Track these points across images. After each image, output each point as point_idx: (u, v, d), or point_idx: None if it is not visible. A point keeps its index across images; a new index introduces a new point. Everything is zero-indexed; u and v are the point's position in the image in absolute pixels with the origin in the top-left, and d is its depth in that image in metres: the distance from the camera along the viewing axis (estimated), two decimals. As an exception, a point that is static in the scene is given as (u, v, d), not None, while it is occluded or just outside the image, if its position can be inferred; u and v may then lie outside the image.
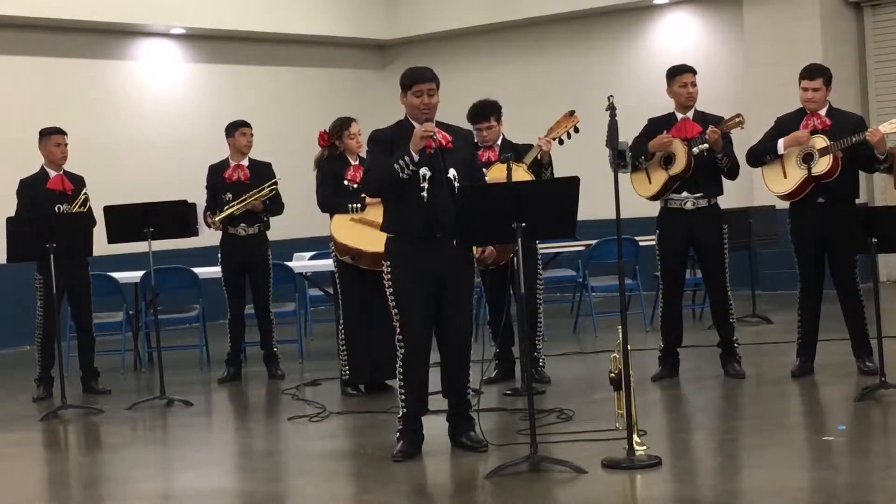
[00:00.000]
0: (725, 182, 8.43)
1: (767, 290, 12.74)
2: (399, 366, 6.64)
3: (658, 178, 8.37)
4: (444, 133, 6.60)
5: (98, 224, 9.26)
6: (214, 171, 9.90)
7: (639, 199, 8.46)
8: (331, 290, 9.80)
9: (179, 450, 7.69)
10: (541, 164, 8.32)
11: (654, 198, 8.45)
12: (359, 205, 8.53)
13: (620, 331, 6.29)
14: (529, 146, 8.39)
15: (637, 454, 6.14)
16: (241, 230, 9.79)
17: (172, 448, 7.79)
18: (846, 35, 13.85)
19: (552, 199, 6.39)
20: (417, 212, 6.51)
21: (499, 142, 8.57)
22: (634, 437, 6.18)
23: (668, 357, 8.58)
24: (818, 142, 8.01)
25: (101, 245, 9.28)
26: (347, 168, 8.77)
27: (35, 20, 12.94)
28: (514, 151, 7.85)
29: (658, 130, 8.42)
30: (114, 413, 8.71)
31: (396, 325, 6.61)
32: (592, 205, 8.62)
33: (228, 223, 9.75)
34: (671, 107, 8.49)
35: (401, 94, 6.68)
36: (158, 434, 8.31)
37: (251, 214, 9.77)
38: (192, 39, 14.66)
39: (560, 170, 8.37)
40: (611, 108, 6.47)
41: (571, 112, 8.48)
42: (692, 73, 8.41)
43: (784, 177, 8.12)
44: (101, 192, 10.07)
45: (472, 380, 6.79)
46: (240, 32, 14.75)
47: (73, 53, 13.59)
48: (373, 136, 6.74)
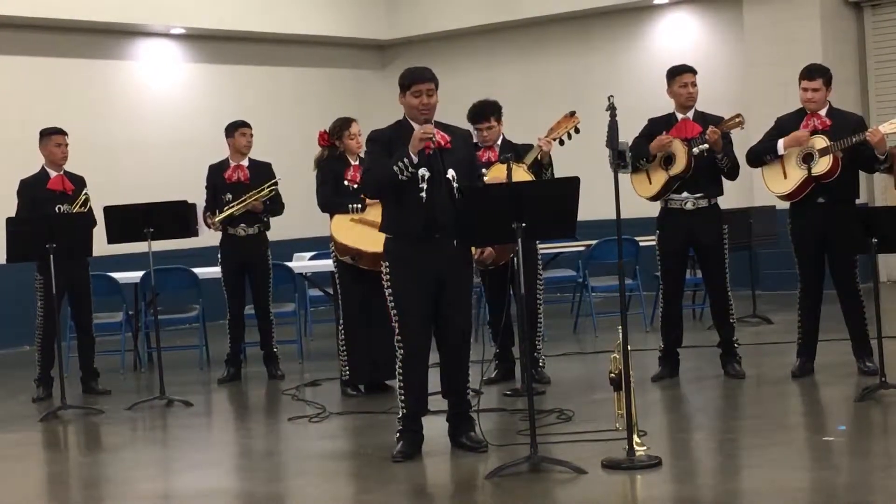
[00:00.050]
0: (725, 182, 8.43)
1: (767, 291, 12.73)
2: (398, 366, 6.63)
3: (658, 179, 8.36)
4: (443, 133, 6.59)
5: (98, 224, 9.26)
6: (214, 172, 9.90)
7: (639, 200, 8.46)
8: (331, 291, 9.80)
9: (179, 450, 7.68)
10: (541, 165, 8.32)
11: (655, 198, 8.45)
12: (359, 205, 8.52)
13: (620, 331, 6.28)
14: (529, 146, 8.39)
15: (637, 454, 6.14)
16: (241, 230, 9.78)
17: (172, 448, 7.78)
18: (846, 35, 13.85)
19: (552, 200, 6.38)
20: (416, 212, 6.51)
21: (499, 142, 8.56)
22: (634, 438, 6.18)
23: (669, 357, 8.58)
24: (818, 142, 8.01)
25: (101, 245, 9.28)
26: (347, 168, 8.77)
27: (35, 20, 12.93)
28: (515, 152, 7.84)
29: (658, 130, 8.42)
30: (114, 413, 8.71)
31: (395, 326, 6.61)
32: (592, 205, 8.61)
33: (228, 223, 9.75)
34: (671, 107, 8.49)
35: (399, 95, 6.68)
36: (158, 434, 8.31)
37: (251, 215, 9.76)
38: (192, 39, 14.66)
39: (560, 170, 8.36)
40: (611, 109, 6.47)
41: (572, 113, 8.48)
42: (692, 74, 8.41)
43: (784, 177, 8.12)
44: (101, 193, 10.06)
45: (472, 380, 6.79)
46: (240, 32, 14.75)
47: (73, 53, 13.59)
48: (371, 137, 6.73)
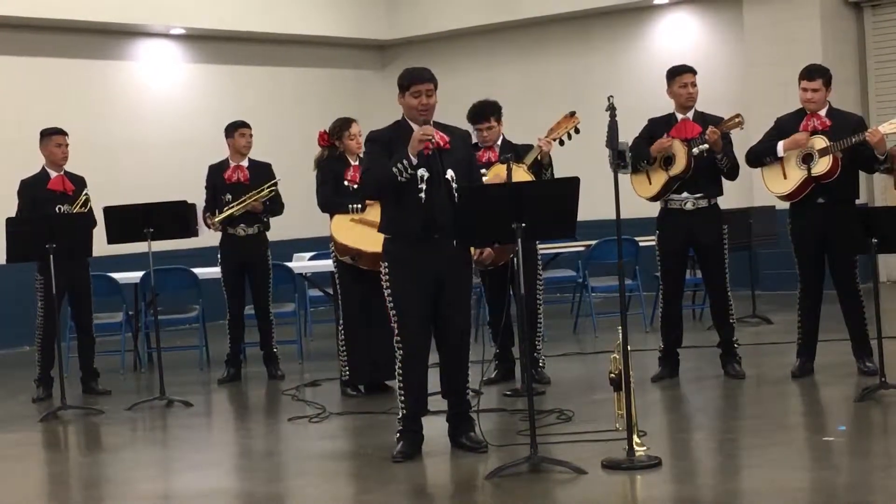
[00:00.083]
0: (725, 182, 8.43)
1: (767, 291, 12.73)
2: (398, 367, 6.63)
3: (658, 179, 8.36)
4: (442, 134, 6.58)
5: (98, 224, 9.26)
6: (214, 172, 9.89)
7: (639, 200, 8.46)
8: (330, 291, 9.80)
9: (179, 450, 7.68)
10: (541, 165, 8.32)
11: (655, 198, 8.45)
12: (359, 205, 8.51)
13: (620, 331, 6.28)
14: (530, 147, 8.38)
15: (637, 455, 6.14)
16: (241, 230, 9.78)
17: (172, 449, 7.78)
18: (846, 35, 13.85)
19: (552, 200, 6.38)
20: (415, 213, 6.50)
21: (499, 142, 8.56)
22: (634, 438, 6.18)
23: (668, 357, 8.58)
24: (818, 142, 8.01)
25: (101, 245, 9.27)
26: (347, 168, 8.77)
27: (35, 20, 12.93)
28: (515, 152, 7.84)
29: (658, 131, 8.42)
30: (114, 414, 8.71)
31: (394, 327, 6.61)
32: (592, 205, 8.62)
33: (228, 223, 9.75)
34: (671, 107, 8.49)
35: (398, 95, 6.67)
36: (158, 435, 8.31)
37: (251, 215, 9.76)
38: (192, 40, 14.66)
39: (560, 170, 8.36)
40: (611, 109, 6.47)
41: (572, 113, 8.47)
42: (692, 74, 8.41)
43: (784, 177, 8.12)
44: (101, 193, 10.06)
45: (472, 380, 6.79)
46: (240, 33, 14.75)
47: (73, 54, 13.59)
48: (370, 137, 6.73)
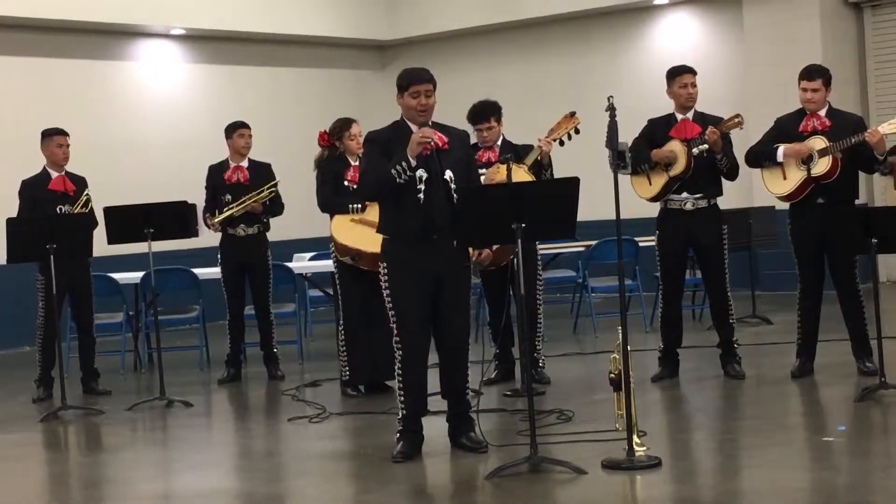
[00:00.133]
0: (725, 183, 8.43)
1: (767, 291, 12.73)
2: (397, 367, 6.63)
3: (658, 180, 8.37)
4: (440, 134, 6.58)
5: (98, 224, 9.26)
6: (214, 172, 9.89)
7: (638, 200, 8.46)
8: (331, 291, 9.80)
9: (179, 451, 7.68)
10: (541, 165, 8.32)
11: (655, 199, 8.45)
12: (359, 205, 8.51)
13: (620, 331, 6.29)
14: (530, 147, 8.38)
15: (637, 455, 6.14)
16: (241, 230, 9.78)
17: (172, 449, 7.79)
18: (846, 35, 13.85)
19: (552, 200, 6.38)
20: (414, 214, 6.50)
21: (499, 142, 8.56)
22: (634, 438, 6.18)
23: (668, 358, 8.58)
24: (817, 143, 8.01)
25: (101, 246, 9.27)
26: (347, 168, 8.76)
27: (35, 21, 12.93)
28: (515, 152, 7.84)
29: (658, 131, 8.43)
30: (114, 414, 8.71)
31: (393, 327, 6.61)
32: (592, 205, 8.62)
33: (228, 224, 9.75)
34: (671, 107, 8.49)
35: (397, 95, 6.67)
36: (158, 435, 8.31)
37: (251, 215, 9.76)
38: (192, 40, 14.66)
39: (560, 170, 8.36)
40: (611, 109, 6.47)
41: (572, 113, 8.47)
42: (692, 74, 8.41)
43: (784, 178, 8.12)
44: (101, 193, 10.06)
45: (472, 380, 6.79)
46: (240, 33, 14.75)
47: (73, 54, 13.59)
48: (368, 138, 6.73)
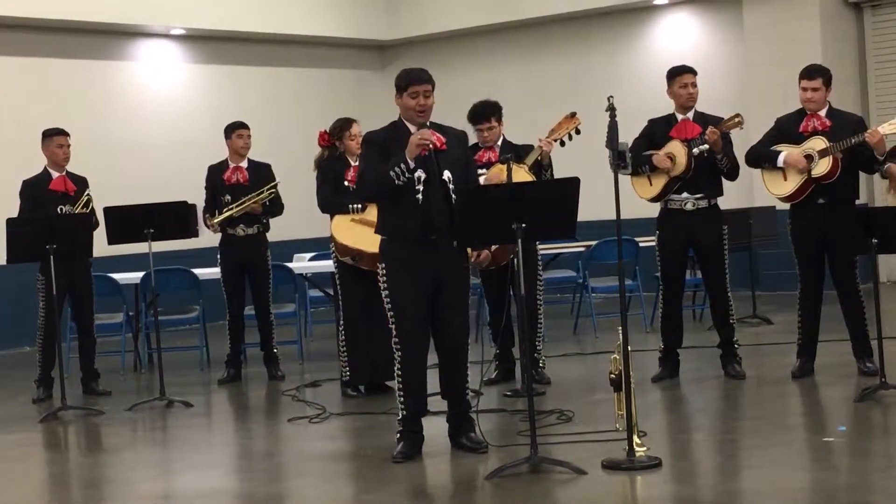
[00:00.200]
0: (725, 183, 8.43)
1: (768, 291, 12.73)
2: (397, 368, 6.63)
3: (658, 180, 8.36)
4: (438, 135, 6.57)
5: (99, 225, 9.25)
6: (214, 172, 9.89)
7: (639, 200, 8.46)
8: (331, 291, 9.80)
9: (179, 451, 7.68)
10: (541, 166, 8.32)
11: (655, 199, 8.45)
12: (359, 205, 8.50)
13: (620, 332, 6.28)
14: (530, 147, 8.38)
15: (637, 455, 6.14)
16: (241, 231, 9.78)
17: (172, 449, 7.78)
18: (846, 35, 13.85)
19: (552, 200, 6.38)
20: (413, 214, 6.49)
21: (499, 142, 8.56)
22: (634, 438, 6.18)
23: (669, 358, 8.58)
24: (818, 143, 8.01)
25: (101, 246, 9.27)
26: (348, 169, 8.75)
27: (35, 21, 12.93)
28: (515, 152, 7.84)
29: (658, 131, 8.43)
30: (114, 414, 8.71)
31: (393, 328, 6.61)
32: (592, 205, 8.62)
33: (227, 224, 9.75)
34: (671, 107, 8.49)
35: (396, 96, 6.65)
36: (158, 435, 8.31)
37: (250, 215, 9.75)
38: (192, 40, 14.66)
39: (560, 170, 8.36)
40: (611, 109, 6.47)
41: (573, 114, 8.47)
42: (692, 74, 8.41)
43: (784, 179, 8.12)
44: (101, 193, 10.05)
45: (472, 380, 6.79)
46: (239, 33, 14.75)
47: (73, 54, 13.59)
48: (366, 139, 6.73)
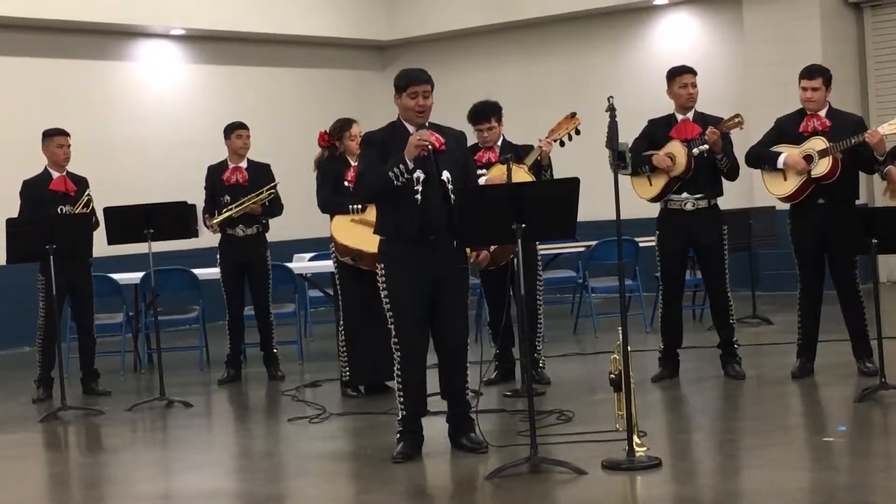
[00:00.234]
0: (725, 183, 8.43)
1: (767, 291, 12.73)
2: (396, 368, 6.63)
3: (658, 180, 8.36)
4: (437, 135, 6.57)
5: (99, 225, 9.24)
6: (213, 173, 9.89)
7: (638, 200, 8.46)
8: (331, 292, 9.79)
9: (179, 451, 7.68)
10: (541, 166, 8.32)
11: (655, 199, 8.45)
12: (359, 206, 8.50)
13: (620, 332, 6.28)
14: (530, 147, 8.38)
15: (637, 455, 6.14)
16: (240, 231, 9.77)
17: (172, 449, 7.78)
18: (846, 35, 13.85)
19: (552, 200, 6.38)
20: (412, 214, 6.49)
21: (499, 143, 8.56)
22: (634, 439, 6.18)
23: (668, 358, 8.58)
24: (817, 144, 8.01)
25: (101, 246, 9.27)
26: (348, 169, 8.74)
27: (35, 21, 12.93)
28: (515, 152, 7.84)
29: (658, 131, 8.43)
30: (114, 414, 8.71)
31: (392, 328, 6.60)
32: (592, 206, 8.62)
33: (227, 224, 9.74)
34: (671, 107, 8.49)
35: (395, 96, 6.65)
36: (158, 435, 8.31)
37: (250, 215, 9.75)
38: (192, 40, 14.66)
39: (560, 171, 8.36)
40: (611, 109, 6.47)
41: (573, 114, 8.47)
42: (692, 74, 8.41)
43: (784, 179, 8.12)
44: (101, 193, 10.05)
45: (471, 381, 6.79)
46: (239, 33, 14.75)
47: (73, 54, 13.59)
48: (365, 139, 6.73)
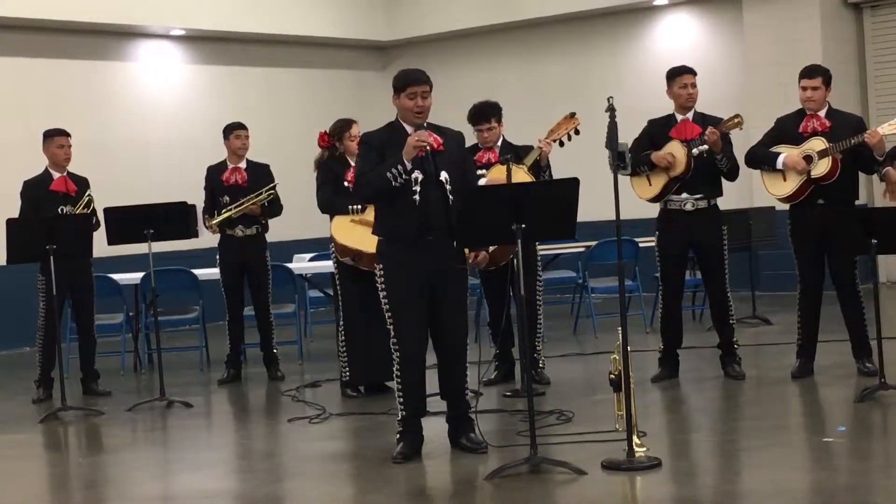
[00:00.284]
0: (725, 183, 8.43)
1: (767, 292, 12.72)
2: (396, 369, 6.62)
3: (658, 180, 8.36)
4: (435, 136, 6.57)
5: (100, 226, 9.24)
6: (212, 173, 9.89)
7: (638, 200, 8.45)
8: (331, 292, 9.79)
9: (179, 451, 7.68)
10: (539, 167, 8.31)
11: (655, 200, 8.45)
12: (359, 206, 8.50)
13: (620, 332, 6.28)
14: (530, 147, 8.39)
15: (637, 455, 6.14)
16: (239, 231, 9.77)
17: (172, 449, 7.78)
18: (846, 35, 13.85)
19: (552, 201, 6.38)
20: (410, 215, 6.48)
21: (499, 143, 8.56)
22: (634, 439, 6.18)
23: (668, 358, 8.58)
24: (817, 144, 8.01)
25: (101, 246, 9.27)
26: (348, 169, 8.73)
27: (35, 21, 12.93)
28: (515, 153, 7.84)
29: (658, 132, 8.43)
30: (114, 415, 8.71)
31: (390, 329, 6.60)
32: (592, 206, 8.61)
33: (226, 225, 9.74)
34: (671, 108, 8.49)
35: (393, 96, 6.64)
36: (158, 435, 8.31)
37: (249, 216, 9.75)
38: (192, 41, 14.65)
39: (559, 171, 8.35)
40: (610, 110, 6.47)
41: (572, 114, 8.47)
42: (692, 75, 8.41)
43: (783, 179, 8.12)
44: (101, 193, 10.05)
45: (471, 381, 6.79)
46: (239, 34, 14.74)
47: (73, 55, 13.59)
48: (363, 139, 6.74)
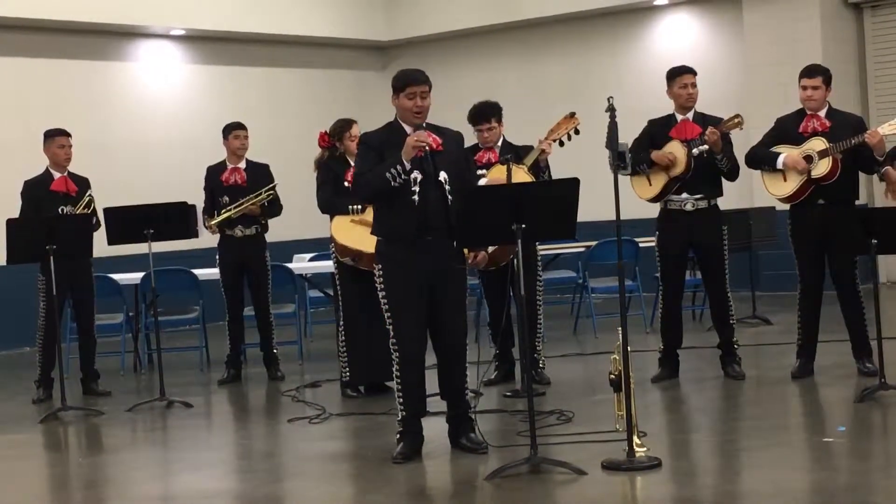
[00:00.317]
0: (725, 183, 8.43)
1: (767, 292, 12.71)
2: (395, 369, 6.62)
3: (658, 180, 8.37)
4: (435, 136, 6.57)
5: (101, 226, 9.23)
6: (212, 173, 9.89)
7: (638, 200, 8.46)
8: (331, 292, 9.79)
9: (179, 451, 7.68)
10: (539, 167, 8.31)
11: (655, 200, 8.45)
12: (359, 206, 8.50)
13: (620, 332, 6.28)
14: (530, 148, 8.39)
15: (637, 455, 6.14)
16: (239, 231, 9.77)
17: (172, 450, 7.78)
18: (846, 35, 13.85)
19: (552, 201, 6.38)
20: (409, 215, 6.48)
21: (499, 143, 8.57)
22: (634, 439, 6.18)
23: (668, 358, 8.58)
24: (817, 144, 8.01)
25: (101, 246, 9.27)
26: (348, 169, 8.72)
27: (35, 21, 12.93)
28: (515, 153, 7.84)
29: (658, 132, 8.43)
30: (114, 415, 8.71)
31: (390, 329, 6.60)
32: (592, 206, 8.61)
33: (226, 225, 9.74)
34: (671, 108, 8.49)
35: (392, 96, 6.64)
36: (158, 435, 8.31)
37: (248, 216, 9.75)
38: (192, 41, 14.65)
39: (559, 171, 8.35)
40: (610, 110, 6.47)
41: (572, 114, 8.47)
42: (692, 75, 8.41)
43: (784, 179, 8.12)
44: (101, 193, 10.05)
45: (471, 381, 6.78)
46: (239, 34, 14.74)
47: (74, 55, 13.59)
48: (363, 139, 6.74)
